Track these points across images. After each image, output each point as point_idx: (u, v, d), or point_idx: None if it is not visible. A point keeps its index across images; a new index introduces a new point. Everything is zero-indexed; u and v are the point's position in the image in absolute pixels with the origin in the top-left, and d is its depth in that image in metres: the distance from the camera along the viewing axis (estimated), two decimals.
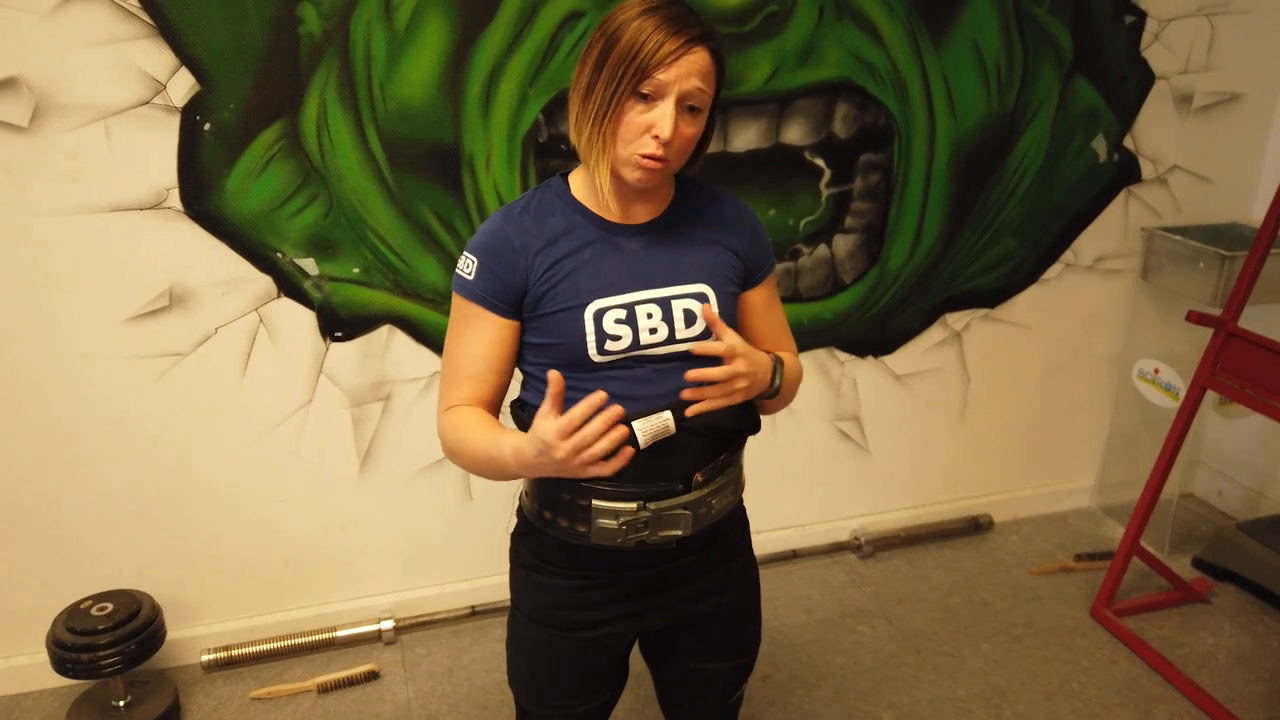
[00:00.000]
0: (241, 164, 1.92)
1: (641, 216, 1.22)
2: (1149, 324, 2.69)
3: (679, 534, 1.21)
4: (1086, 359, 2.79)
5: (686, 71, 1.09)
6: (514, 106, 2.03)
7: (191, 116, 1.87)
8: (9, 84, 1.76)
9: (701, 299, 1.20)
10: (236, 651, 2.22)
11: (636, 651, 1.42)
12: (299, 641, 2.26)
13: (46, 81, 1.77)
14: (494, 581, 2.41)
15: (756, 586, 1.42)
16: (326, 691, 2.17)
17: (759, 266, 1.30)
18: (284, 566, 2.27)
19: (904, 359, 2.59)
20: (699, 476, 1.21)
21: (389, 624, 2.31)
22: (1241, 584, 2.54)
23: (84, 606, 1.99)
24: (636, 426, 1.15)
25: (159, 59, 1.82)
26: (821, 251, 2.38)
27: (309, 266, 2.03)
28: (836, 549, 2.70)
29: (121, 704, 2.05)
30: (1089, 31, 2.39)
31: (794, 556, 2.66)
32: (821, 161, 2.29)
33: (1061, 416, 2.84)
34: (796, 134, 2.24)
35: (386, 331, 2.13)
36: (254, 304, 2.03)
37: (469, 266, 1.19)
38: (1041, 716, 2.10)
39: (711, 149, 2.17)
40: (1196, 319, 2.24)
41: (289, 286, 2.04)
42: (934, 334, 2.59)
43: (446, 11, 1.93)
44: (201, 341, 2.02)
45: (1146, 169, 2.60)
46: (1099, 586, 2.46)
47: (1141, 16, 2.42)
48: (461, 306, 1.21)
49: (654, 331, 1.17)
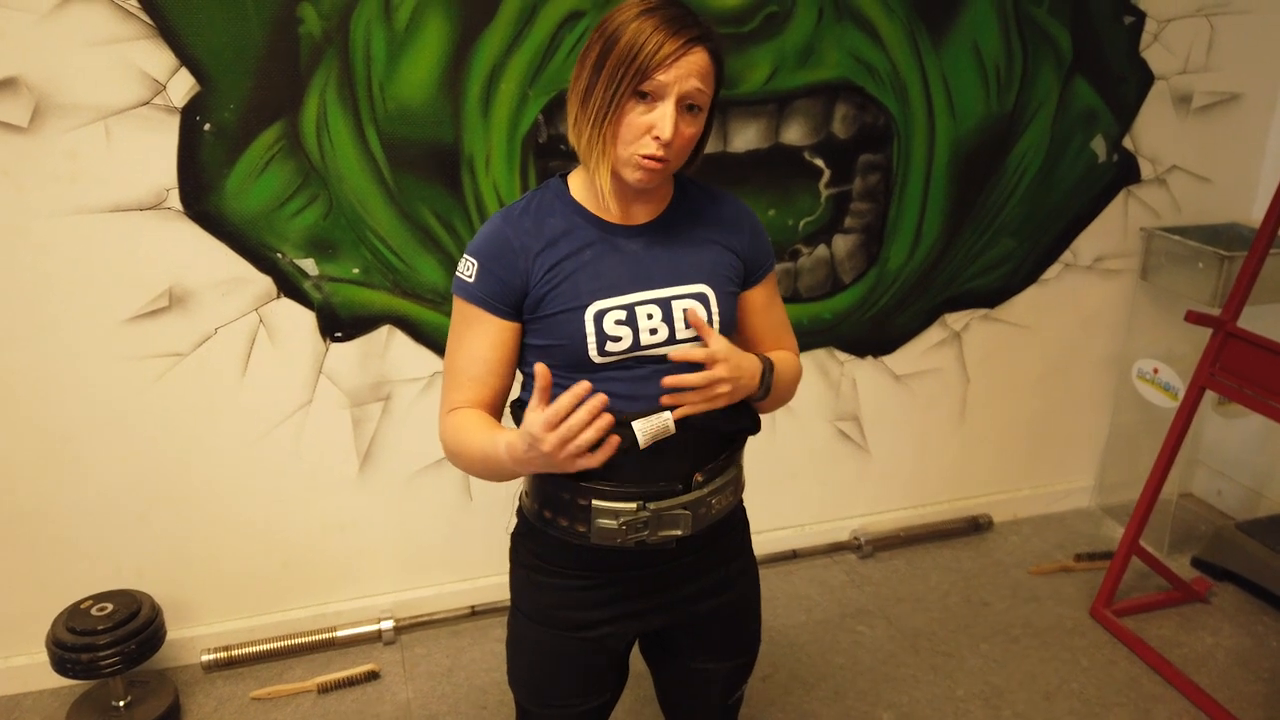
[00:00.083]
0: (241, 164, 1.92)
1: (641, 217, 1.22)
2: (1148, 324, 2.70)
3: (679, 534, 1.21)
4: (1086, 359, 2.79)
5: (686, 72, 1.09)
6: (514, 107, 2.03)
7: (191, 117, 1.87)
8: (8, 84, 1.76)
9: (701, 299, 1.20)
10: (236, 651, 2.22)
11: (636, 651, 1.42)
12: (299, 641, 2.26)
13: (46, 82, 1.78)
14: (494, 581, 2.41)
15: (756, 587, 1.42)
16: (326, 691, 2.17)
17: (758, 266, 1.30)
18: (284, 566, 2.27)
19: (903, 359, 2.59)
20: (699, 476, 1.22)
21: (389, 624, 2.32)
22: (1240, 584, 2.54)
23: (84, 607, 2.00)
24: (636, 427, 1.16)
25: (159, 59, 1.82)
26: (821, 252, 2.38)
27: (309, 267, 2.03)
28: (836, 549, 2.70)
29: (121, 704, 2.05)
30: (1088, 32, 2.39)
31: (793, 556, 2.66)
32: (821, 162, 2.29)
33: (1061, 416, 2.84)
34: (796, 134, 2.24)
35: (386, 332, 2.13)
36: (254, 304, 2.03)
37: (469, 269, 1.19)
38: (1040, 716, 2.10)
39: (711, 149, 2.19)
40: (1195, 319, 2.24)
41: (289, 287, 2.04)
42: (933, 334, 2.59)
43: (446, 12, 1.93)
44: (201, 342, 2.03)
45: (1146, 169, 2.60)
46: (1098, 586, 2.46)
47: (1141, 17, 2.42)
48: (462, 309, 1.21)
49: (654, 332, 1.17)
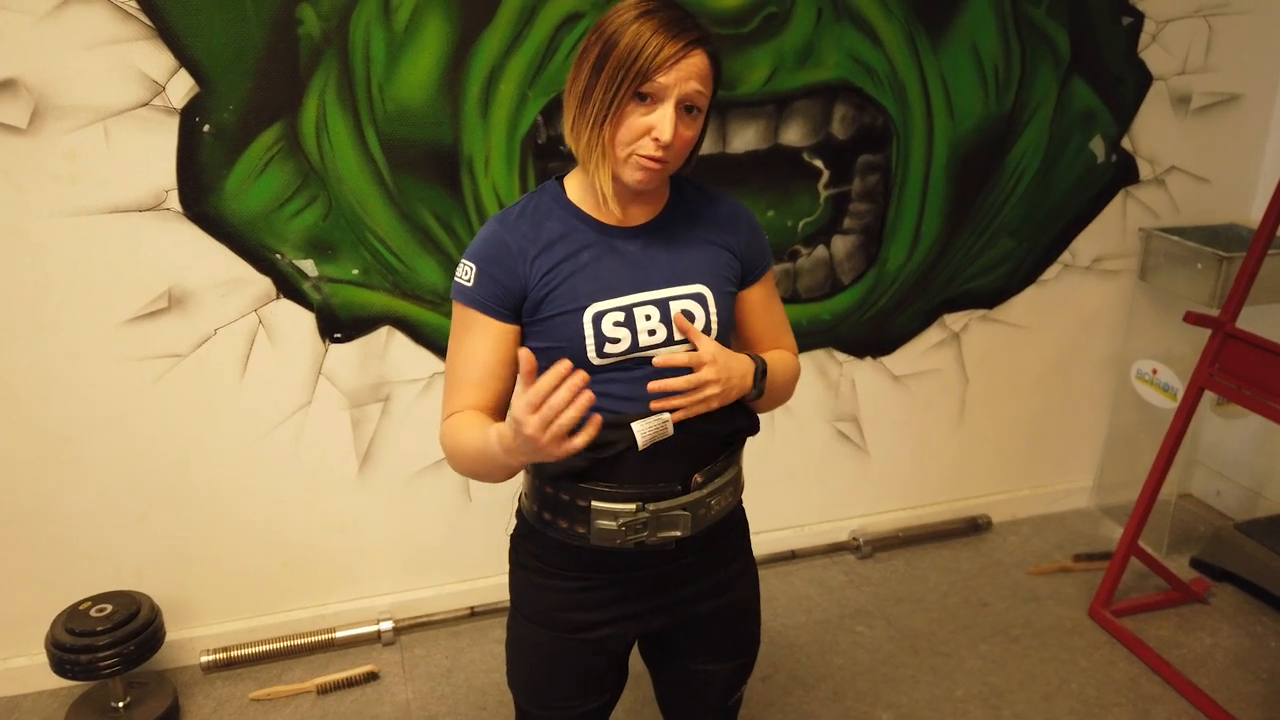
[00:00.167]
0: (241, 165, 1.93)
1: (638, 218, 1.22)
2: (1147, 324, 2.70)
3: (678, 535, 1.21)
4: (1085, 359, 2.79)
5: (686, 75, 1.09)
6: (513, 108, 2.03)
7: (190, 118, 1.87)
8: (8, 85, 1.76)
9: (699, 299, 1.20)
10: (236, 652, 2.22)
11: (636, 652, 1.42)
12: (298, 642, 2.26)
13: (45, 83, 1.78)
14: (493, 582, 2.41)
15: (756, 588, 1.42)
16: (326, 692, 2.17)
17: (756, 265, 1.30)
18: (283, 567, 2.27)
19: (902, 360, 2.60)
20: (698, 477, 1.22)
21: (388, 625, 2.32)
22: (1239, 584, 2.54)
23: (83, 608, 1.99)
24: (636, 428, 1.16)
25: (158, 60, 1.82)
26: (820, 252, 2.38)
27: (308, 268, 2.03)
28: (835, 549, 2.70)
29: (120, 705, 2.04)
30: (1087, 33, 2.39)
31: (793, 557, 2.66)
32: (820, 163, 2.30)
33: (1060, 417, 2.84)
34: (795, 135, 2.25)
35: (385, 333, 2.13)
36: (253, 305, 2.03)
37: (467, 274, 1.19)
38: (1039, 717, 2.10)
39: (710, 150, 2.19)
40: (1194, 319, 2.25)
41: (288, 288, 2.04)
42: (932, 335, 2.60)
43: (446, 12, 1.93)
44: (201, 343, 2.03)
45: (1144, 170, 2.60)
46: (1097, 587, 2.46)
47: (1139, 18, 2.42)
48: (461, 314, 1.21)
49: (653, 333, 1.18)
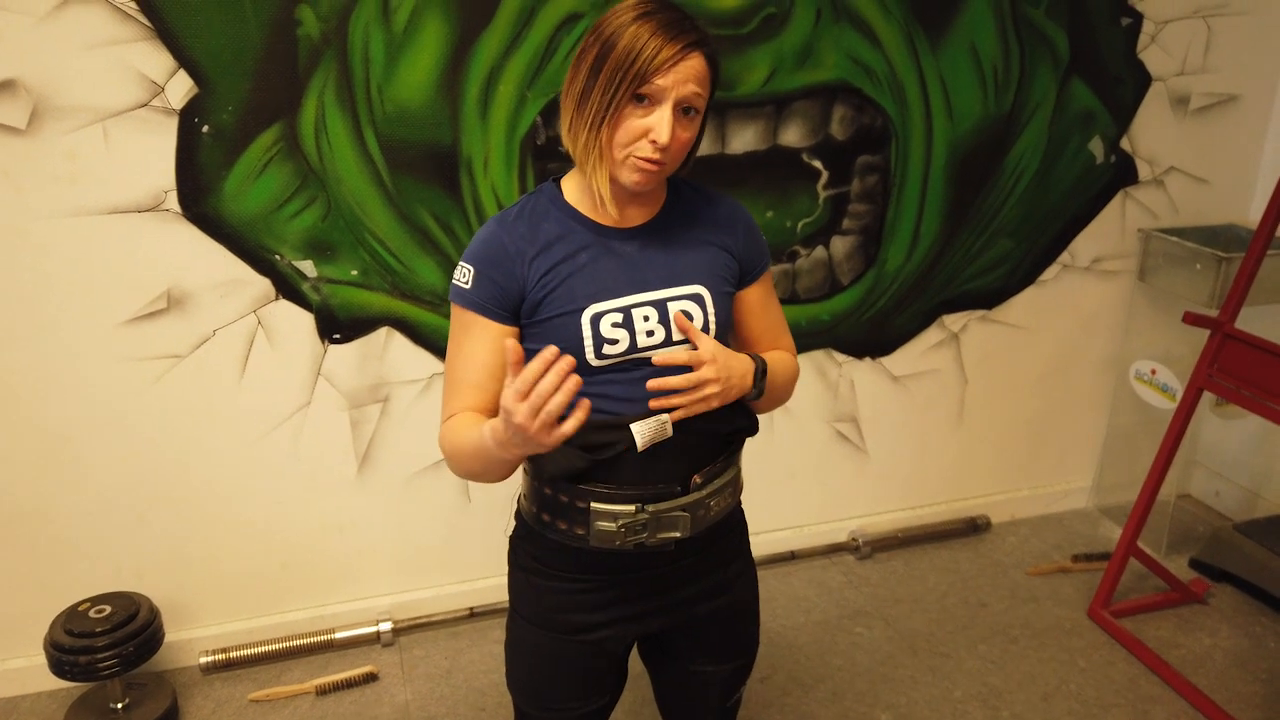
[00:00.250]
0: (240, 166, 1.93)
1: (636, 219, 1.22)
2: (1146, 325, 2.70)
3: (677, 536, 1.21)
4: (1084, 360, 2.79)
5: (684, 77, 1.09)
6: (512, 108, 2.03)
7: (190, 119, 1.87)
8: (7, 86, 1.76)
9: (697, 300, 1.20)
10: (235, 653, 2.22)
11: (635, 653, 1.42)
12: (297, 643, 2.26)
13: (44, 84, 1.78)
14: (492, 583, 2.41)
15: (755, 589, 1.42)
16: (325, 693, 2.17)
17: (754, 265, 1.30)
18: (282, 568, 2.27)
19: (902, 360, 2.60)
20: (697, 478, 1.22)
21: (387, 626, 2.32)
22: (1238, 585, 2.54)
23: (82, 609, 1.99)
24: (635, 429, 1.16)
25: (157, 61, 1.82)
26: (819, 253, 2.38)
27: (307, 269, 2.03)
28: (834, 550, 2.70)
29: (119, 706, 2.04)
30: (1085, 33, 2.39)
31: (792, 558, 2.66)
32: (819, 163, 2.30)
33: (1059, 417, 2.84)
34: (794, 136, 2.25)
35: (385, 333, 2.13)
36: (252, 306, 2.03)
37: (465, 276, 1.19)
38: (1038, 717, 2.10)
39: (709, 151, 2.19)
40: (1193, 320, 2.25)
41: (287, 289, 2.04)
42: (931, 335, 2.60)
43: (445, 13, 1.93)
44: (200, 344, 2.02)
45: (1143, 170, 2.60)
46: (1096, 587, 2.46)
47: (1138, 18, 2.43)
48: (460, 316, 1.21)
49: (651, 334, 1.18)
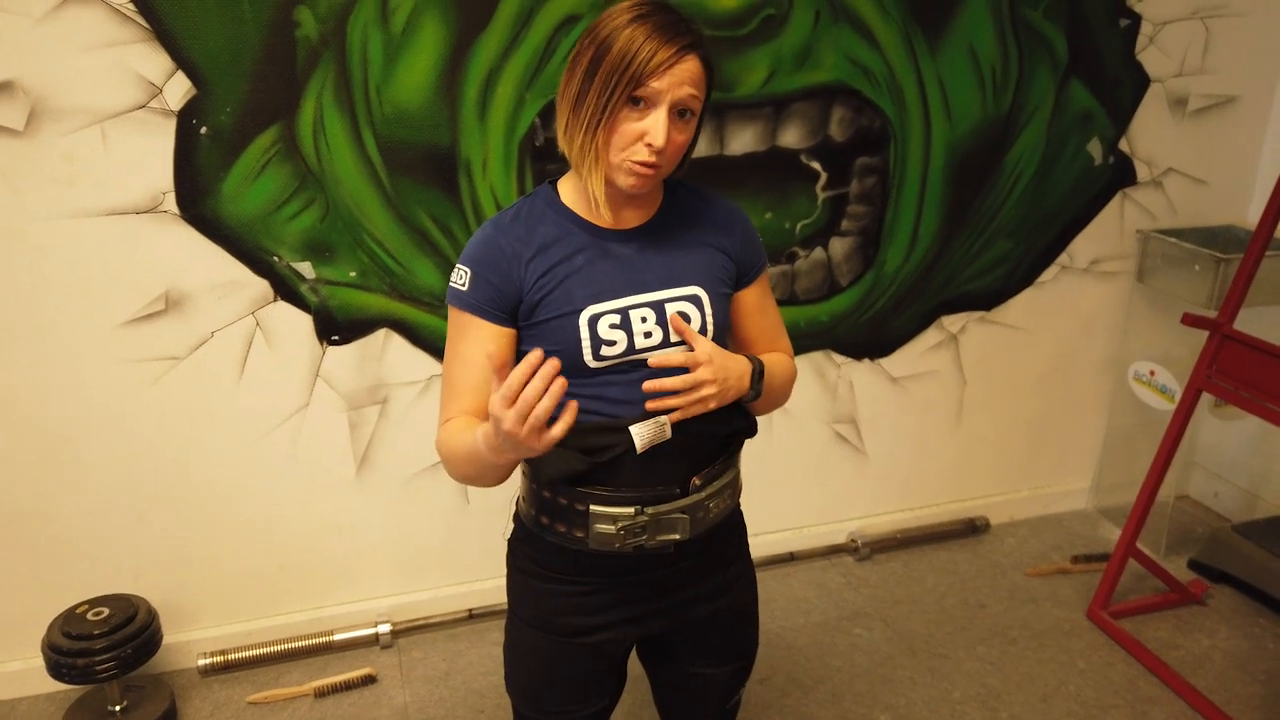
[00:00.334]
0: (238, 167, 1.92)
1: (632, 221, 1.22)
2: (1144, 326, 2.70)
3: (677, 538, 1.21)
4: (1082, 361, 2.79)
5: (679, 80, 1.09)
6: (511, 110, 2.03)
7: (188, 120, 1.87)
8: (5, 87, 1.76)
9: (695, 301, 1.20)
10: (233, 655, 2.22)
11: (634, 655, 1.42)
12: (295, 645, 2.26)
13: (42, 85, 1.77)
14: (491, 584, 2.41)
15: (754, 590, 1.42)
16: (323, 695, 2.16)
17: (751, 267, 1.30)
18: (281, 570, 2.27)
19: (900, 361, 2.60)
20: (696, 480, 1.22)
21: (386, 627, 2.31)
22: (1237, 586, 2.54)
23: (80, 611, 1.99)
24: (634, 431, 1.16)
25: (155, 62, 1.82)
26: (818, 254, 2.38)
27: (305, 270, 2.03)
28: (833, 551, 2.70)
29: (117, 709, 2.04)
30: (1084, 35, 2.39)
31: (791, 559, 2.66)
32: (818, 165, 2.30)
33: (1057, 418, 2.84)
34: (793, 137, 2.25)
35: (383, 335, 2.13)
36: (250, 307, 2.03)
37: (462, 278, 1.19)
38: (1037, 718, 2.10)
39: (708, 152, 2.19)
40: (1192, 321, 2.25)
41: (285, 290, 2.04)
42: (930, 336, 2.60)
43: (443, 15, 1.93)
44: (198, 345, 2.02)
45: (1142, 172, 2.60)
46: (1095, 588, 2.46)
47: (1136, 20, 2.43)
48: (457, 318, 1.20)
49: (649, 335, 1.17)
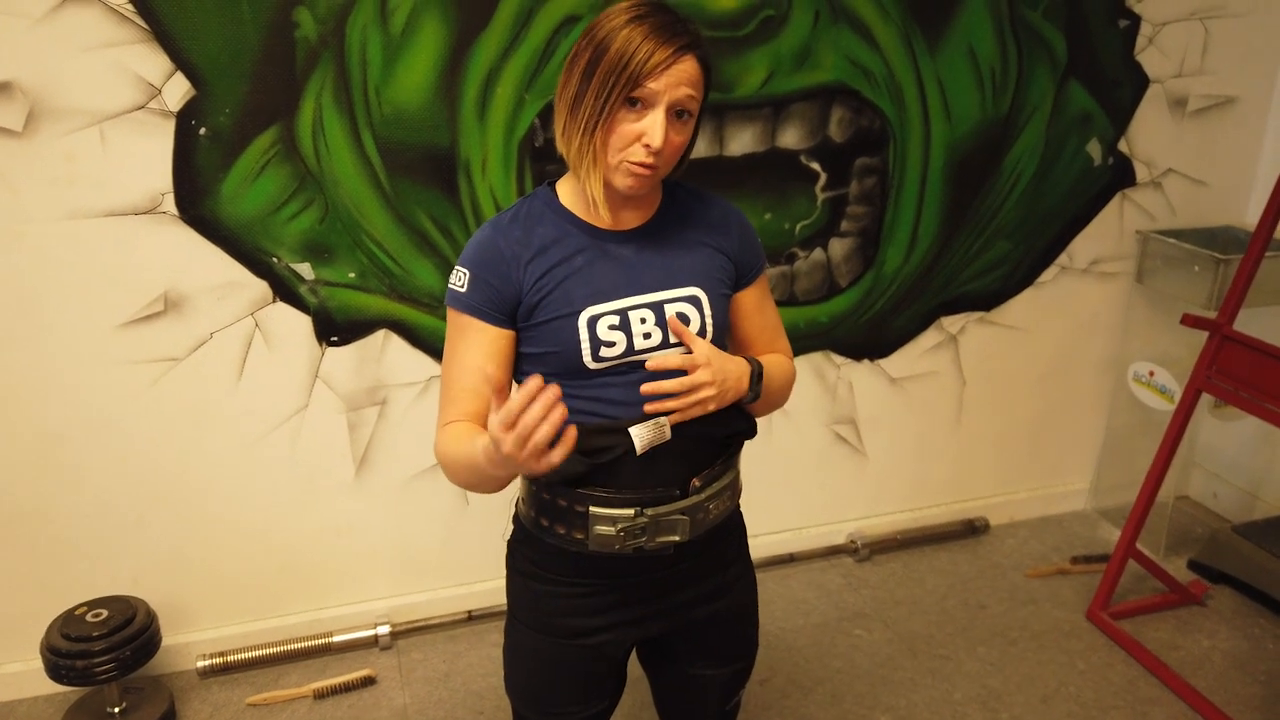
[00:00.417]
0: (237, 168, 1.92)
1: (631, 222, 1.22)
2: (1144, 327, 2.70)
3: (677, 539, 1.21)
4: (1082, 362, 2.79)
5: (676, 80, 1.09)
6: (510, 110, 2.03)
7: (187, 121, 1.87)
8: (3, 88, 1.76)
9: (694, 302, 1.20)
10: (232, 657, 2.21)
11: (633, 656, 1.42)
12: (295, 647, 2.26)
13: (41, 86, 1.77)
14: (490, 586, 2.41)
15: (754, 591, 1.42)
16: (322, 697, 2.16)
17: (749, 267, 1.30)
18: (280, 571, 2.26)
19: (900, 362, 2.59)
20: (696, 481, 1.22)
21: (385, 629, 2.31)
22: (1237, 586, 2.54)
23: (79, 613, 1.99)
24: (634, 432, 1.16)
25: (154, 63, 1.81)
26: (817, 255, 2.38)
27: (305, 271, 2.03)
28: (833, 552, 2.70)
29: (116, 711, 2.04)
30: (1083, 36, 2.39)
31: (790, 560, 2.66)
32: (817, 165, 2.30)
33: (1057, 419, 2.84)
34: (792, 138, 2.25)
35: (382, 336, 2.13)
36: (249, 309, 2.03)
37: (461, 280, 1.19)
38: (1038, 719, 2.10)
39: (708, 153, 2.19)
40: (1191, 322, 2.25)
41: (284, 291, 2.04)
42: (930, 337, 2.60)
43: (443, 15, 1.93)
44: (197, 346, 2.02)
45: (1141, 172, 2.60)
46: (1095, 589, 2.46)
47: (1135, 20, 2.43)
48: (456, 320, 1.20)
49: (648, 336, 1.17)
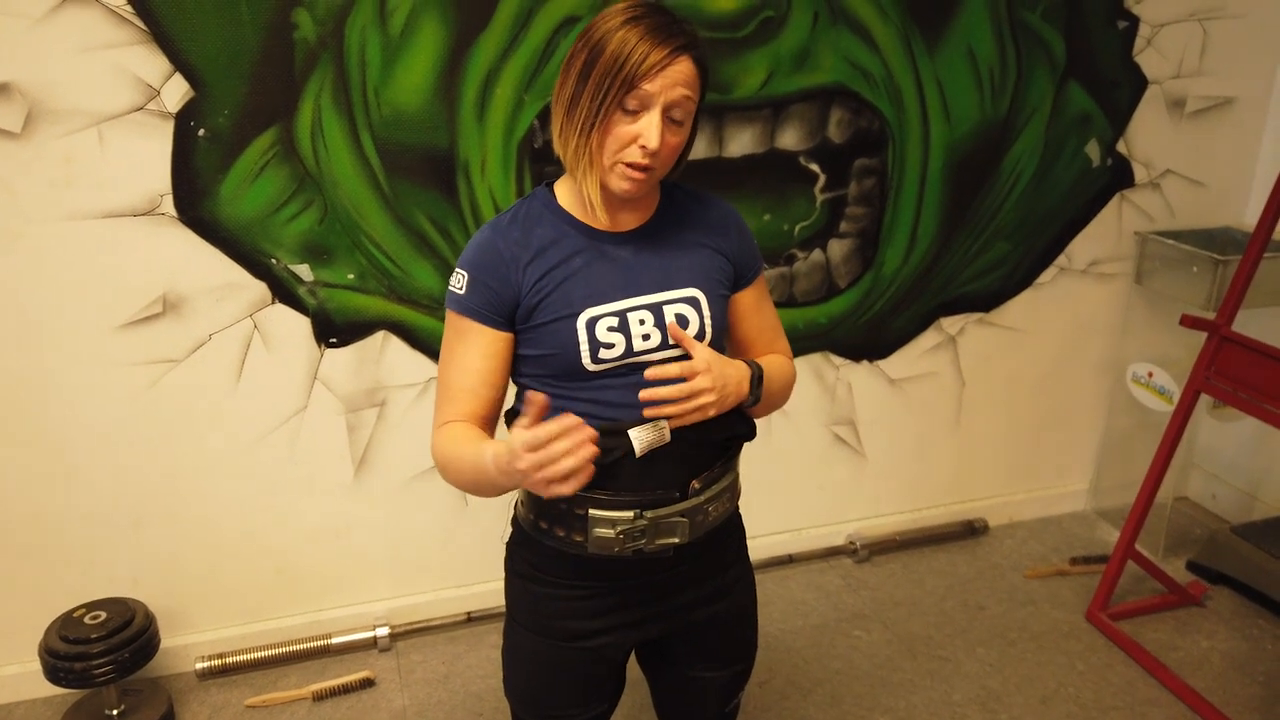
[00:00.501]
0: (236, 170, 1.92)
1: (629, 223, 1.22)
2: (1143, 328, 2.70)
3: (676, 542, 1.21)
4: (1081, 363, 2.79)
5: (672, 82, 1.09)
6: (509, 111, 2.03)
7: (185, 122, 1.86)
8: (2, 89, 1.75)
9: (693, 303, 1.20)
10: (231, 659, 2.21)
11: (633, 659, 1.42)
12: (294, 649, 2.25)
13: (39, 87, 1.77)
14: (489, 587, 2.41)
15: (753, 593, 1.42)
16: (321, 699, 2.16)
17: (747, 268, 1.30)
18: (278, 573, 2.26)
19: (899, 363, 2.60)
20: (696, 484, 1.21)
21: (384, 631, 2.31)
22: (1236, 587, 2.55)
23: (77, 615, 1.98)
24: (633, 435, 1.16)
25: (153, 64, 1.81)
26: (816, 256, 2.38)
27: (304, 272, 2.03)
28: (832, 553, 2.70)
29: (115, 713, 2.03)
30: (1082, 37, 2.40)
31: (790, 561, 2.66)
32: (816, 166, 2.30)
33: (1056, 420, 2.84)
34: (791, 139, 2.25)
35: (381, 337, 2.13)
36: (248, 310, 2.03)
37: (460, 282, 1.19)
38: None
39: (707, 154, 2.19)
40: (1190, 323, 2.25)
41: (283, 293, 2.04)
42: (929, 338, 2.60)
43: (442, 16, 1.93)
44: (195, 348, 2.02)
45: (1140, 173, 2.60)
46: (1094, 590, 2.46)
47: (1134, 21, 2.43)
48: (455, 322, 1.20)
49: (647, 338, 1.17)
